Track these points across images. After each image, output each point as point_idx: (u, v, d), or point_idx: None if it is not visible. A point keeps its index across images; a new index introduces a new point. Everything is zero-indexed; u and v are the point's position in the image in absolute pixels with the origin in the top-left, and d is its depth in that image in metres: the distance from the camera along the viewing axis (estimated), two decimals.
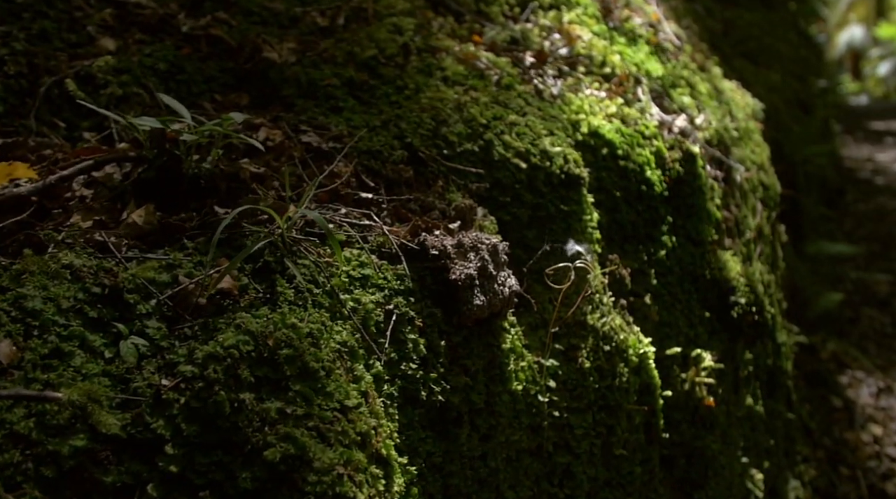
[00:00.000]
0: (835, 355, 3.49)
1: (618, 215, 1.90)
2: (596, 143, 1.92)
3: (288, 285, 1.20)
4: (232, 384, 1.05)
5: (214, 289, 1.14)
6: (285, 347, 1.10)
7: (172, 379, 1.05)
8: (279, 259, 1.23)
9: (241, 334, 1.08)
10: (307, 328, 1.14)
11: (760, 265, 2.50)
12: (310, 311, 1.18)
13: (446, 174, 1.61)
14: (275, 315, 1.14)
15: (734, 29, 4.62)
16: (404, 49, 1.82)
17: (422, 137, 1.63)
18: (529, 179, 1.69)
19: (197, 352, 1.06)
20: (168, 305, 1.13)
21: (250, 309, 1.15)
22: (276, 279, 1.20)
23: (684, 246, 2.03)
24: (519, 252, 1.66)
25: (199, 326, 1.11)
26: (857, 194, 5.84)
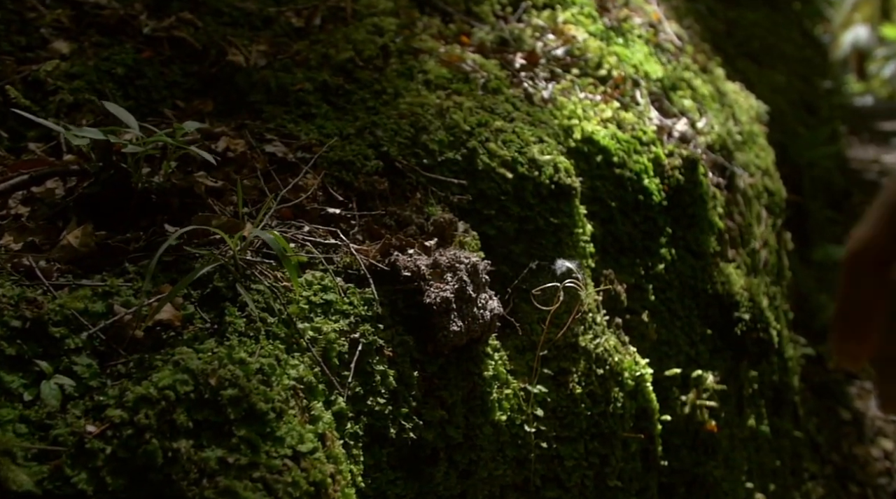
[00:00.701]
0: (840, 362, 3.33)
1: (613, 227, 1.76)
2: (589, 150, 1.78)
3: (239, 314, 1.07)
4: (166, 431, 0.91)
5: (152, 320, 1.00)
6: (230, 386, 0.96)
7: (99, 425, 0.91)
8: (231, 284, 1.09)
9: (180, 373, 0.95)
10: (257, 364, 1.01)
11: (766, 276, 2.36)
12: (262, 343, 1.05)
13: (425, 186, 1.48)
14: (221, 349, 1.00)
15: (737, 29, 4.47)
16: (383, 51, 1.69)
17: (399, 145, 1.49)
18: (516, 189, 1.55)
19: (128, 393, 0.92)
20: (101, 339, 1.00)
21: (194, 342, 1.02)
22: (226, 308, 1.07)
23: (684, 259, 1.88)
24: (505, 269, 1.52)
25: (134, 363, 0.98)
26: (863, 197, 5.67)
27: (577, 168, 1.75)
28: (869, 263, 0.61)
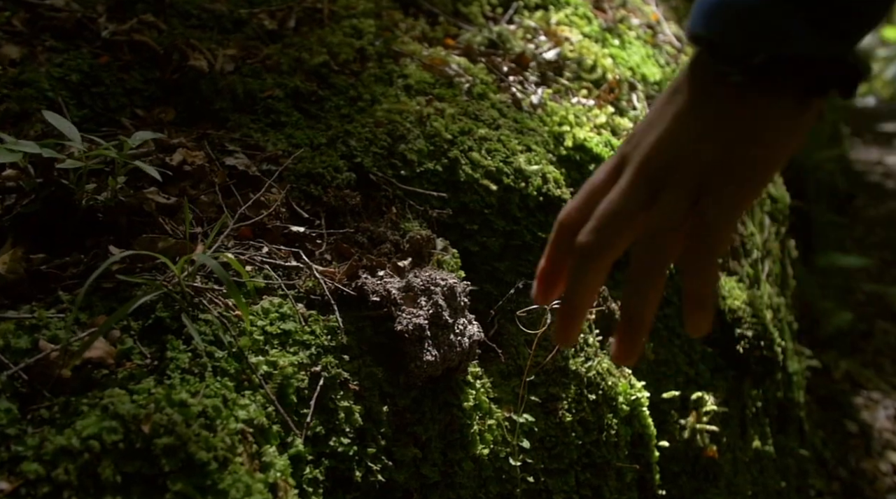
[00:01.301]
0: (848, 375, 3.20)
1: None
2: (582, 158, 1.66)
3: (184, 348, 0.95)
4: (89, 487, 0.79)
5: (80, 358, 0.88)
6: (165, 433, 0.84)
7: (14, 480, 0.80)
8: (176, 315, 0.97)
9: (108, 419, 0.83)
10: (200, 406, 0.89)
11: (769, 287, 2.23)
12: (208, 381, 0.93)
13: (403, 199, 1.35)
14: (159, 390, 0.88)
15: None
16: (361, 54, 1.56)
17: (374, 155, 1.37)
18: (501, 202, 1.43)
19: (47, 444, 0.80)
20: (23, 380, 0.88)
21: (129, 382, 0.89)
22: (170, 341, 0.95)
23: None
24: (489, 288, 1.40)
25: (58, 408, 0.85)
26: (867, 199, 5.53)
27: (568, 178, 1.63)
28: (567, 231, 0.76)
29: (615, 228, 0.72)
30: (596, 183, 0.76)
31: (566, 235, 0.77)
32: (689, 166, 0.70)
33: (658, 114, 0.74)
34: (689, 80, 0.73)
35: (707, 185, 0.70)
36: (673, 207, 0.70)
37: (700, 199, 0.70)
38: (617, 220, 0.71)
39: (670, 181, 0.70)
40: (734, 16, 0.68)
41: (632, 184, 0.72)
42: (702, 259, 0.69)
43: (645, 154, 0.72)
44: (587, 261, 0.73)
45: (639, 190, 0.71)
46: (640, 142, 0.74)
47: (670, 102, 0.74)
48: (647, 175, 0.72)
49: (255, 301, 1.04)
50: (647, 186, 0.71)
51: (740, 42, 0.68)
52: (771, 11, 0.66)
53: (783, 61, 0.67)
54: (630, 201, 0.71)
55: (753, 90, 0.69)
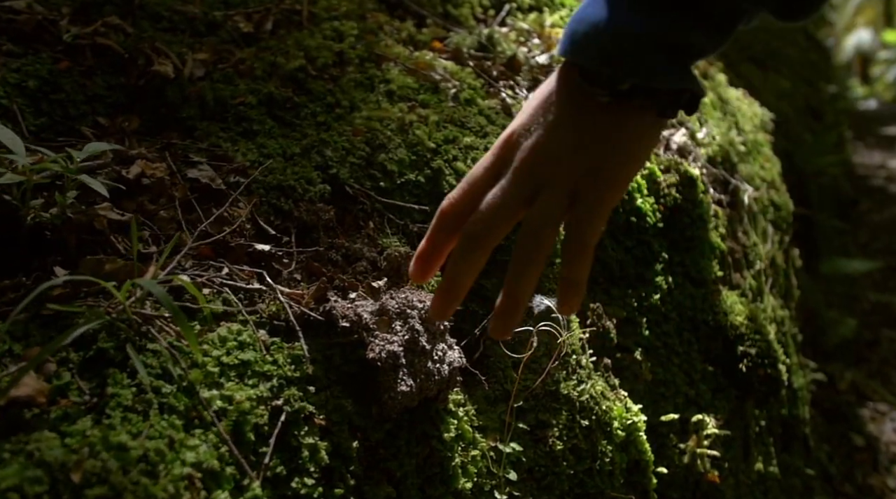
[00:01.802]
0: (854, 386, 3.09)
1: (602, 253, 1.54)
2: None
3: (128, 382, 0.85)
4: None
5: (6, 398, 0.78)
6: (98, 482, 0.74)
7: None
8: (121, 345, 0.88)
9: (32, 467, 0.73)
10: (141, 449, 0.79)
11: (773, 300, 2.12)
12: (153, 420, 0.83)
13: (382, 213, 1.26)
14: (95, 432, 0.79)
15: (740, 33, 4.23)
16: (340, 58, 1.47)
17: (352, 166, 1.27)
18: None
19: None
20: None
21: (63, 423, 0.80)
22: (112, 375, 0.85)
23: (683, 287, 1.65)
24: (475, 307, 1.30)
25: None
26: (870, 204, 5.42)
27: None
28: (450, 218, 0.85)
29: (499, 218, 0.84)
30: (476, 177, 0.86)
31: (448, 221, 0.87)
32: (567, 173, 0.81)
33: (535, 120, 0.84)
34: (563, 92, 0.84)
35: (583, 189, 0.81)
36: (552, 206, 0.82)
37: (576, 200, 0.82)
38: (501, 212, 0.83)
39: (549, 184, 0.81)
40: (604, 50, 0.79)
41: (514, 183, 0.83)
42: (579, 251, 0.83)
43: (526, 158, 0.82)
44: (474, 245, 0.84)
45: (521, 188, 0.82)
46: (519, 145, 0.84)
47: (546, 110, 0.84)
48: (529, 176, 0.82)
49: (211, 328, 0.94)
50: (528, 185, 0.82)
51: (610, 72, 0.79)
52: (638, 51, 0.78)
53: (646, 90, 0.80)
54: (513, 198, 0.83)
55: (619, 109, 0.81)
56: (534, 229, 0.83)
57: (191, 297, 0.96)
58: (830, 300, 3.50)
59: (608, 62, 0.79)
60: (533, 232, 0.83)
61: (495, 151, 0.87)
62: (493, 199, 0.84)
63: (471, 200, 0.86)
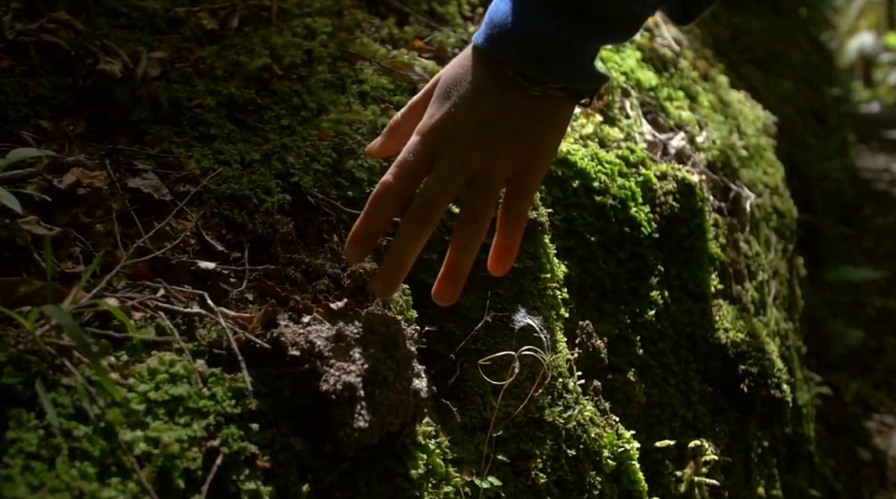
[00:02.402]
0: (860, 397, 2.96)
1: (593, 267, 1.41)
2: (564, 173, 1.44)
3: (35, 424, 0.73)
4: None
5: None
6: None
7: None
8: (30, 380, 0.76)
9: None
10: None
11: (776, 312, 2.00)
12: (60, 468, 0.71)
13: (348, 224, 1.13)
14: None
15: (742, 35, 4.10)
16: (310, 57, 1.35)
17: (316, 174, 1.16)
18: None
19: None
20: None
21: None
22: (18, 416, 0.73)
23: (680, 302, 1.53)
24: (451, 327, 1.18)
25: None
26: (875, 208, 5.28)
27: (548, 196, 1.40)
28: (388, 202, 0.91)
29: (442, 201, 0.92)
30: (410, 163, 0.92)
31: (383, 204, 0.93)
32: (506, 159, 0.91)
33: (466, 108, 0.91)
34: (492, 84, 0.91)
35: (520, 170, 0.92)
36: (493, 189, 0.92)
37: (513, 180, 0.93)
38: (443, 196, 0.91)
39: (490, 170, 0.91)
40: (538, 54, 0.88)
41: (455, 169, 0.90)
42: (516, 222, 0.95)
43: (466, 147, 0.90)
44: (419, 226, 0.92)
45: (462, 175, 0.91)
46: (454, 133, 0.91)
47: (476, 100, 0.91)
48: (470, 164, 0.90)
49: (140, 359, 0.82)
50: (469, 171, 0.91)
51: (544, 75, 0.90)
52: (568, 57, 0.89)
53: (573, 89, 0.92)
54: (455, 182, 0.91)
55: (547, 101, 0.91)
56: (477, 210, 0.93)
57: (120, 322, 0.84)
58: (834, 308, 3.37)
59: (543, 65, 0.89)
60: (474, 213, 0.93)
61: (425, 138, 0.92)
62: (435, 182, 0.91)
63: (407, 185, 0.92)
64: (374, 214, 0.92)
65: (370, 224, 0.92)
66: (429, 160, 0.91)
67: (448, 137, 0.91)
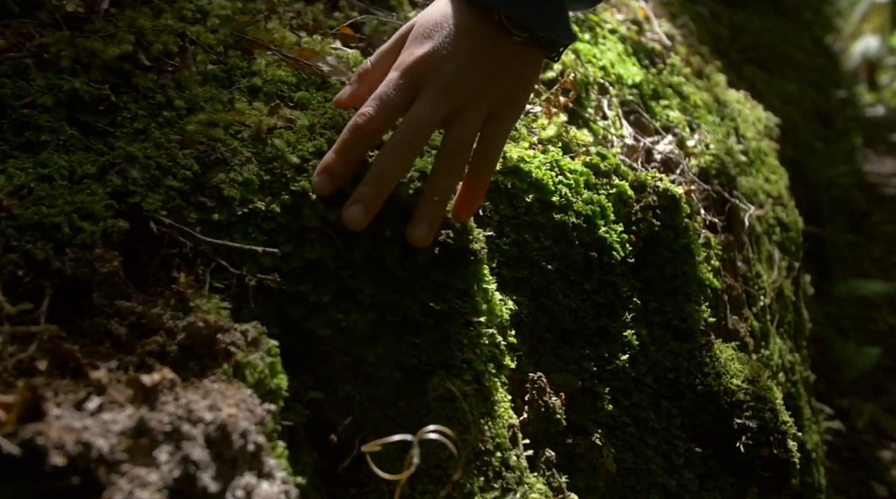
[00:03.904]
0: (873, 423, 2.63)
1: (549, 301, 1.10)
2: (516, 185, 1.13)
3: None
4: None
5: None
6: None
7: None
8: None
9: None
10: None
11: (780, 342, 1.68)
12: None
13: (209, 259, 0.83)
14: None
15: (743, 34, 3.77)
16: (192, 44, 1.05)
17: (169, 192, 0.85)
18: (371, 257, 0.90)
19: None
20: None
21: None
22: None
23: (662, 342, 1.21)
24: (348, 390, 0.87)
25: None
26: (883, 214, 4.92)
27: (494, 214, 1.10)
28: (368, 136, 0.89)
29: (424, 133, 0.90)
30: (390, 98, 0.89)
31: (363, 137, 0.89)
32: (487, 97, 0.92)
33: (450, 47, 0.90)
34: (479, 28, 0.92)
35: (497, 111, 0.94)
36: (474, 123, 0.92)
37: (485, 125, 0.94)
38: (426, 129, 0.90)
39: (472, 105, 0.91)
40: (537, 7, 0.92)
41: (439, 103, 0.89)
42: (487, 162, 0.95)
43: (451, 82, 0.89)
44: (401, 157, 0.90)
45: (444, 108, 0.90)
46: (438, 69, 0.90)
47: (460, 40, 0.91)
48: (452, 98, 0.90)
49: None
50: (451, 105, 0.90)
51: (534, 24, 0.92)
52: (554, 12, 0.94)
53: (550, 40, 0.96)
54: (437, 115, 0.90)
55: (527, 49, 0.94)
56: (460, 143, 0.91)
57: None
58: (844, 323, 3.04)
59: (532, 13, 0.91)
60: (458, 144, 0.91)
61: (406, 74, 0.90)
62: (420, 115, 0.89)
63: (386, 118, 0.89)
64: (351, 143, 0.88)
65: (346, 153, 0.88)
66: (409, 95, 0.89)
67: (431, 73, 0.89)
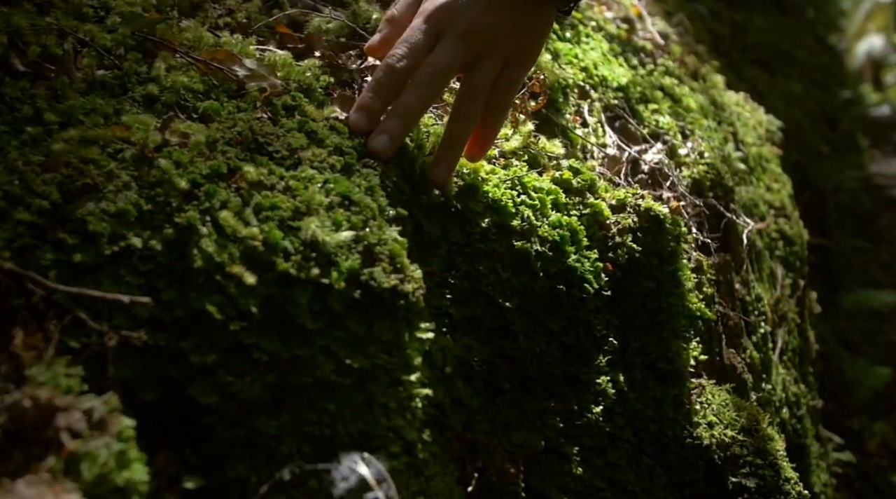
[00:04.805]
0: (885, 444, 2.43)
1: (508, 344, 0.92)
2: (470, 207, 0.94)
3: None
4: None
5: None
6: None
7: None
8: None
9: None
10: None
11: (783, 371, 1.48)
12: None
13: (63, 311, 0.65)
14: None
15: (744, 33, 3.57)
16: (72, 46, 0.87)
17: (17, 227, 0.68)
18: (270, 304, 0.72)
19: None
20: None
21: None
22: None
23: (643, 387, 1.03)
24: (241, 470, 0.69)
25: None
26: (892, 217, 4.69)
27: (442, 241, 0.91)
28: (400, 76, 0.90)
29: (445, 77, 0.92)
30: (418, 41, 0.91)
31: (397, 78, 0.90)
32: (504, 46, 0.93)
33: None
34: None
35: (511, 61, 0.94)
36: (492, 70, 0.93)
37: (503, 69, 0.94)
38: (447, 72, 0.92)
39: (489, 53, 0.92)
40: None
41: (460, 48, 0.91)
42: (502, 108, 0.96)
43: (472, 29, 0.91)
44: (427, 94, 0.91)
45: (465, 54, 0.91)
46: (460, 15, 0.91)
47: None
48: (472, 44, 0.91)
49: None
50: (471, 52, 0.91)
51: None
52: None
53: None
54: (458, 60, 0.91)
55: (541, 4, 0.95)
56: (478, 88, 0.92)
57: None
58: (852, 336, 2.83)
59: None
60: (476, 90, 0.92)
61: (431, 19, 0.92)
62: (442, 58, 0.90)
63: (415, 61, 0.90)
64: (385, 82, 0.90)
65: (382, 92, 0.90)
66: (432, 40, 0.91)
67: (453, 18, 0.91)
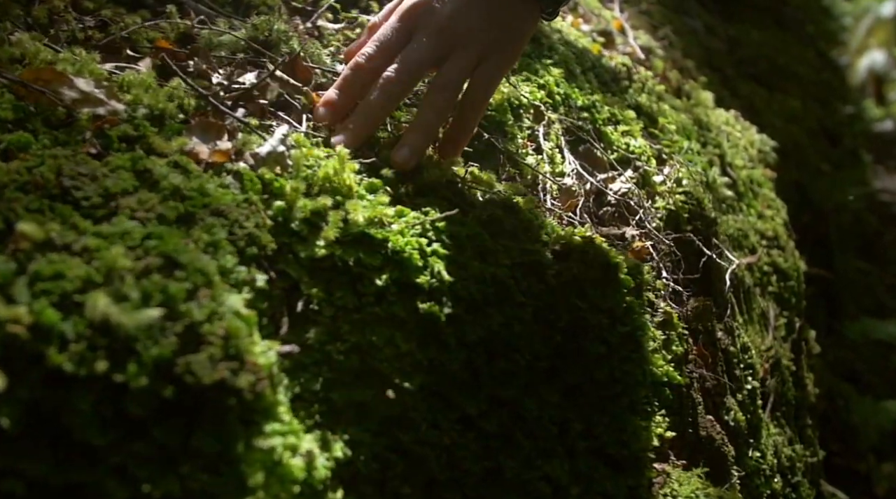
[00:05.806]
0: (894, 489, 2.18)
1: (408, 436, 0.70)
2: (363, 261, 0.73)
3: None
4: None
5: None
6: None
7: None
8: None
9: None
10: None
11: (776, 430, 1.25)
12: None
13: None
14: None
15: (740, 47, 3.35)
16: None
17: None
18: (42, 418, 0.51)
19: None
20: None
21: None
22: None
23: (590, 480, 0.80)
24: None
25: None
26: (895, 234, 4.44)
27: (326, 304, 0.70)
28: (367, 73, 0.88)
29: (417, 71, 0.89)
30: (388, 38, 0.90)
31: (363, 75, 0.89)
32: (479, 39, 0.90)
33: None
34: None
35: (489, 55, 0.91)
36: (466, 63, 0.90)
37: (480, 64, 0.91)
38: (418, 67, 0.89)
39: (464, 46, 0.90)
40: None
41: (432, 43, 0.89)
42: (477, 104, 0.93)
43: (445, 22, 0.89)
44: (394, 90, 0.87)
45: (437, 48, 0.89)
46: (434, 10, 0.90)
47: None
48: (446, 38, 0.89)
49: None
50: (444, 46, 0.89)
51: None
52: None
53: None
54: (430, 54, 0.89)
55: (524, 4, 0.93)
56: (448, 80, 0.90)
57: None
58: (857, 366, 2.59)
59: None
60: (447, 80, 0.90)
61: (404, 17, 0.90)
62: (412, 54, 0.88)
63: (385, 59, 0.88)
64: (352, 79, 0.88)
65: (346, 88, 0.88)
66: (405, 37, 0.90)
67: (427, 15, 0.90)
